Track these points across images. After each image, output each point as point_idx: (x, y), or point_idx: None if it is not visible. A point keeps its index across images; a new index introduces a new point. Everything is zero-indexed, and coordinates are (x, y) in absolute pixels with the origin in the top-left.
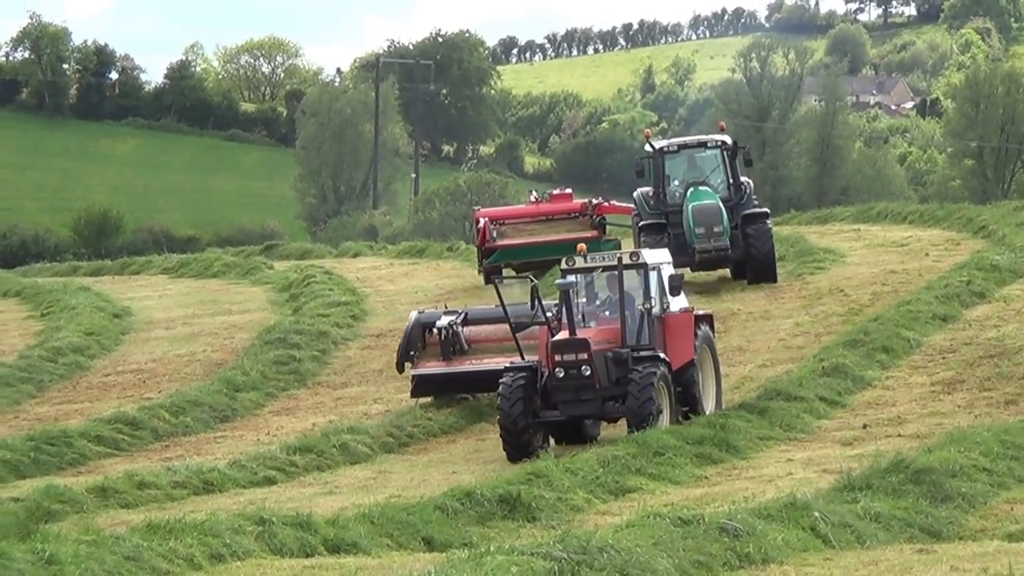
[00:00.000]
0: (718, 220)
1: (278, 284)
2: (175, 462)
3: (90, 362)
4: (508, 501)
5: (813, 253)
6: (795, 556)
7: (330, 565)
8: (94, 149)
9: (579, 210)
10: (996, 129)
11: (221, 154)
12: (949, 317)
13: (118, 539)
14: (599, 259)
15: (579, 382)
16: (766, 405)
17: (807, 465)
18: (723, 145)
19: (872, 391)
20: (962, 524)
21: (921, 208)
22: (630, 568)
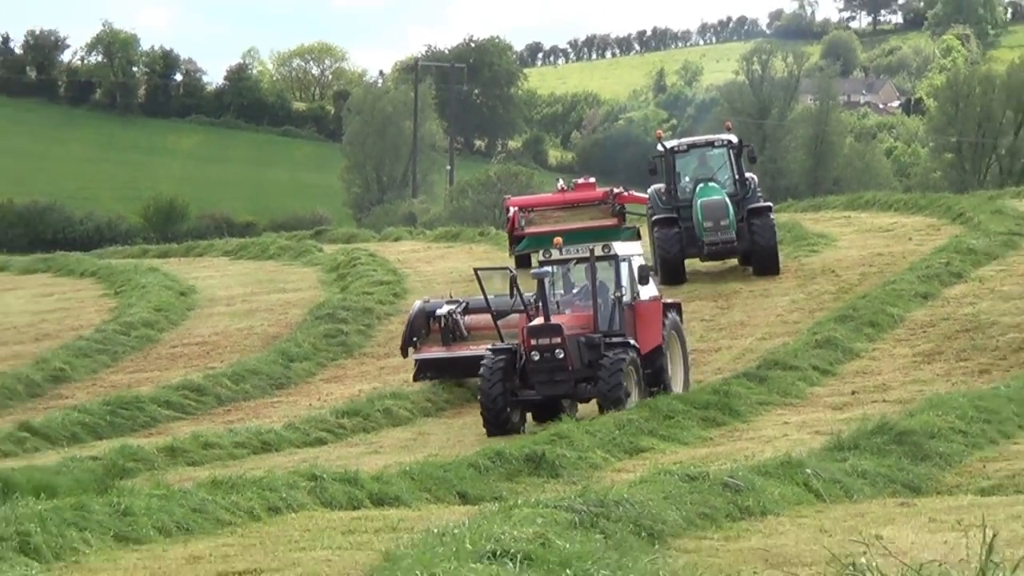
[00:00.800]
0: (724, 214)
1: (327, 265)
2: (236, 424)
3: (159, 335)
4: (534, 459)
5: (808, 237)
6: (790, 509)
7: (375, 517)
8: (161, 144)
9: (601, 198)
10: (974, 126)
11: (275, 148)
12: (930, 295)
13: (185, 493)
14: (573, 251)
15: (553, 364)
16: (765, 374)
17: (801, 427)
18: (729, 144)
19: (860, 361)
20: (940, 480)
21: (905, 197)
22: (643, 519)
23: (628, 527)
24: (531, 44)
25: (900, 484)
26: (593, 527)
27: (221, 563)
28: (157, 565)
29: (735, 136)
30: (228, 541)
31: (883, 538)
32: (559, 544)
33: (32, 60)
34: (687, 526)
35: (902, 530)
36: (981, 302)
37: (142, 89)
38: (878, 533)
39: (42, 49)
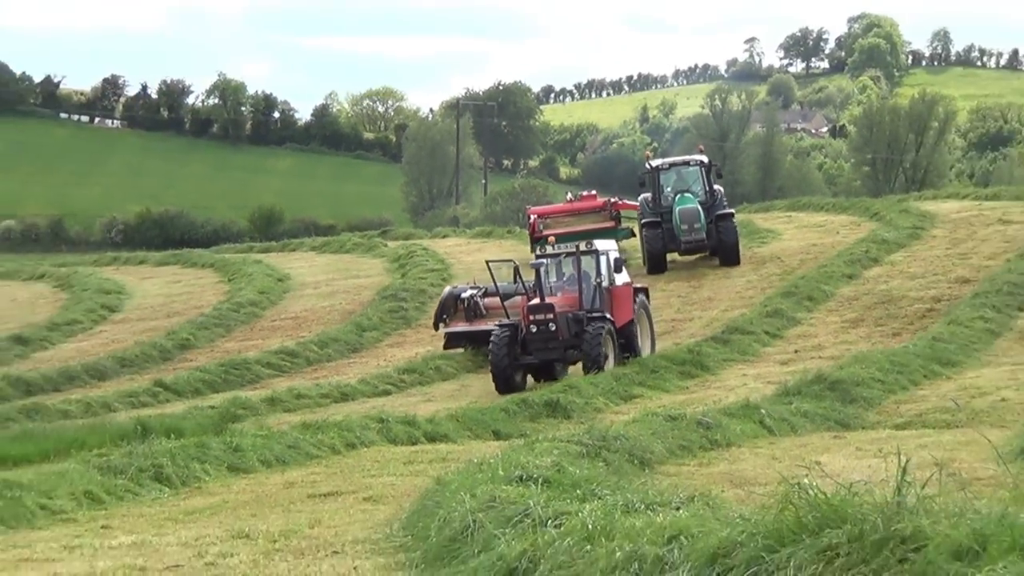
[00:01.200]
0: (697, 219)
1: (390, 257)
2: (321, 380)
3: (262, 312)
4: (551, 405)
5: (759, 232)
6: (749, 441)
7: (429, 450)
8: (263, 166)
9: (601, 207)
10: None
11: (350, 168)
12: (854, 275)
13: (283, 434)
14: (563, 247)
15: (547, 335)
16: (728, 337)
17: (757, 378)
18: (701, 163)
19: (801, 327)
20: (864, 418)
21: (833, 201)
22: (635, 450)
23: (624, 456)
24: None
25: (833, 421)
26: (597, 457)
27: (310, 487)
28: (261, 489)
29: (706, 157)
30: (315, 470)
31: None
32: (571, 470)
33: (164, 102)
34: (669, 455)
35: (836, 457)
36: (893, 280)
37: (248, 124)
38: (817, 460)
39: (172, 94)
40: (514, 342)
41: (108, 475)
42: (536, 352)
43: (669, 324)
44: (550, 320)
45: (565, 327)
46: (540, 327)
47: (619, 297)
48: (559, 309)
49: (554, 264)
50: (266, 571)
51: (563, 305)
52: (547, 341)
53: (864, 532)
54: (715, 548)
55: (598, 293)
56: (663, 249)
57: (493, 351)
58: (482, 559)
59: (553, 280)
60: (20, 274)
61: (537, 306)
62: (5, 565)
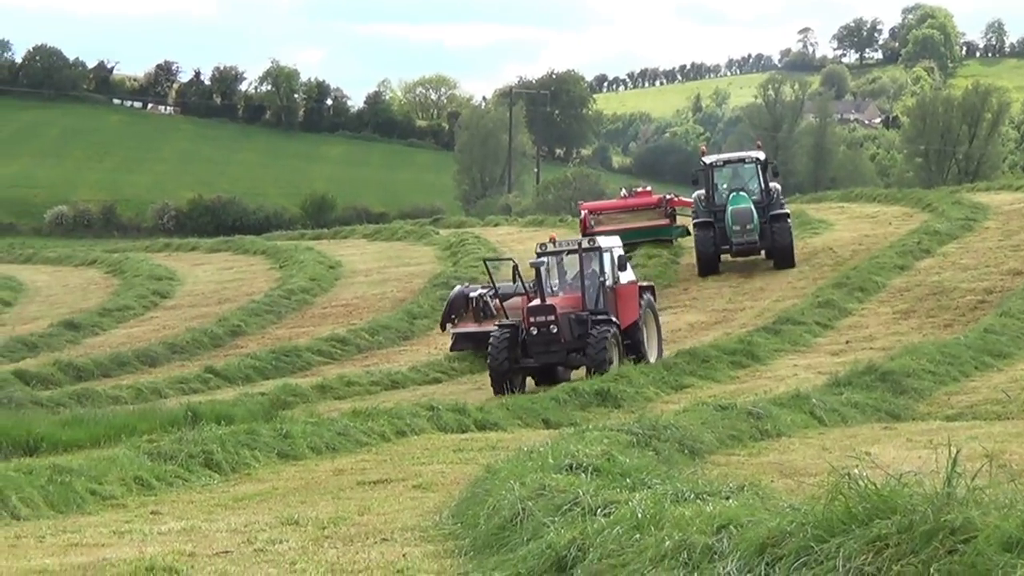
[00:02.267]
0: (750, 219)
1: (442, 245)
2: (372, 367)
3: (313, 299)
4: (601, 394)
5: (811, 223)
6: (799, 431)
7: (479, 438)
8: (315, 153)
9: (656, 203)
10: (937, 136)
11: (402, 156)
12: (905, 267)
13: (333, 420)
14: (565, 244)
15: (548, 337)
16: (779, 327)
17: (807, 369)
18: (757, 160)
19: (852, 318)
20: (914, 409)
21: (885, 192)
22: (685, 440)
23: (674, 446)
24: (598, 75)
25: (884, 412)
26: (647, 446)
27: (360, 475)
28: (310, 476)
29: (763, 153)
30: (365, 457)
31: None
32: (621, 459)
33: (217, 89)
34: (719, 445)
35: (886, 448)
36: (945, 272)
37: (301, 111)
38: (867, 450)
39: (225, 81)
40: (514, 344)
41: (158, 461)
42: (537, 355)
43: (720, 314)
44: (551, 322)
45: (568, 329)
46: (541, 329)
47: (624, 297)
48: (561, 310)
49: (556, 262)
50: (315, 558)
51: (565, 306)
52: (548, 344)
53: (914, 523)
54: (764, 538)
55: (602, 292)
56: (715, 251)
57: (492, 353)
58: (531, 547)
59: (556, 280)
60: (72, 260)
61: (538, 307)
62: (55, 550)
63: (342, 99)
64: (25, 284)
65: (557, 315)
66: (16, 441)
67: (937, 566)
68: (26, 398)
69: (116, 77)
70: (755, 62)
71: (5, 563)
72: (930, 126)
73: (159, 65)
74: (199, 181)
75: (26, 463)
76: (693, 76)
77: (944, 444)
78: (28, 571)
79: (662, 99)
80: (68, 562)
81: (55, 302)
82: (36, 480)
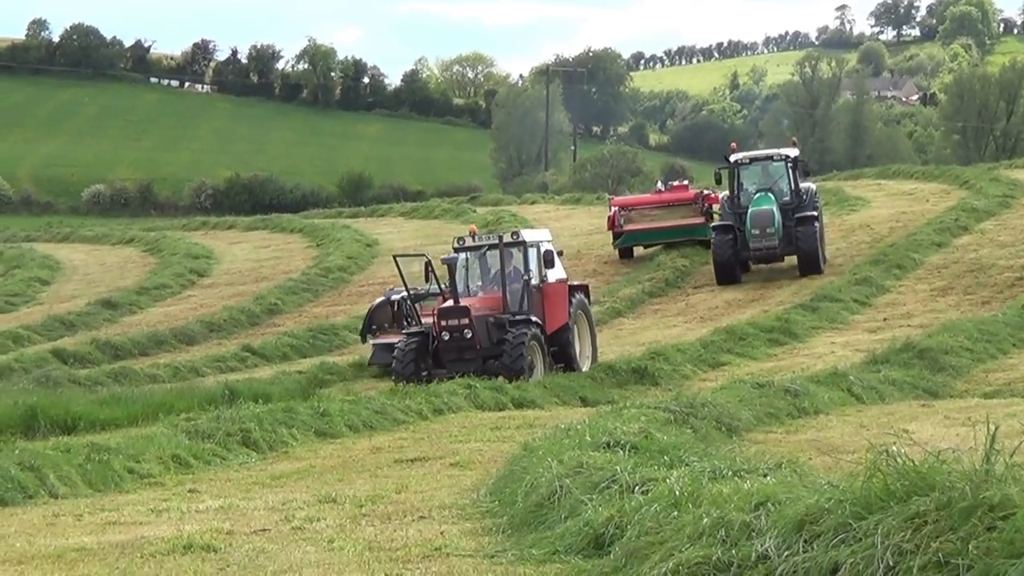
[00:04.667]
0: (770, 223)
1: (479, 222)
2: None
3: (350, 277)
4: (638, 371)
5: (848, 200)
6: (837, 409)
7: (516, 416)
8: (352, 131)
9: (692, 199)
10: (975, 113)
11: (439, 134)
12: (943, 244)
13: (370, 399)
14: (484, 238)
15: (462, 343)
16: (816, 305)
17: (845, 346)
18: (787, 158)
19: (889, 295)
20: (952, 387)
21: (923, 169)
22: (722, 417)
23: (711, 423)
24: (635, 53)
25: (921, 390)
26: (684, 423)
27: (397, 452)
28: (348, 454)
29: (794, 151)
30: (403, 435)
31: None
32: (658, 436)
33: (254, 68)
34: (756, 423)
35: (924, 425)
36: (983, 249)
37: (338, 89)
38: (905, 428)
39: (262, 59)
40: (424, 352)
41: (196, 439)
42: (450, 364)
43: (757, 292)
44: (465, 326)
45: (485, 334)
46: (454, 334)
47: (552, 297)
48: (476, 313)
49: (476, 259)
50: (353, 535)
51: (482, 308)
52: (462, 351)
53: (952, 500)
54: (802, 515)
55: (526, 292)
56: (733, 258)
57: (397, 364)
58: (569, 525)
59: (478, 279)
60: (109, 239)
61: (450, 309)
62: (93, 528)
63: (379, 77)
64: (63, 263)
65: (472, 318)
66: (54, 420)
67: (976, 543)
68: (64, 377)
69: (153, 56)
70: (792, 39)
71: (43, 541)
72: (967, 103)
73: (196, 44)
74: (236, 159)
75: (64, 441)
76: (730, 54)
77: (982, 421)
78: (66, 549)
79: (699, 77)
80: (106, 540)
81: (92, 281)
82: (74, 458)
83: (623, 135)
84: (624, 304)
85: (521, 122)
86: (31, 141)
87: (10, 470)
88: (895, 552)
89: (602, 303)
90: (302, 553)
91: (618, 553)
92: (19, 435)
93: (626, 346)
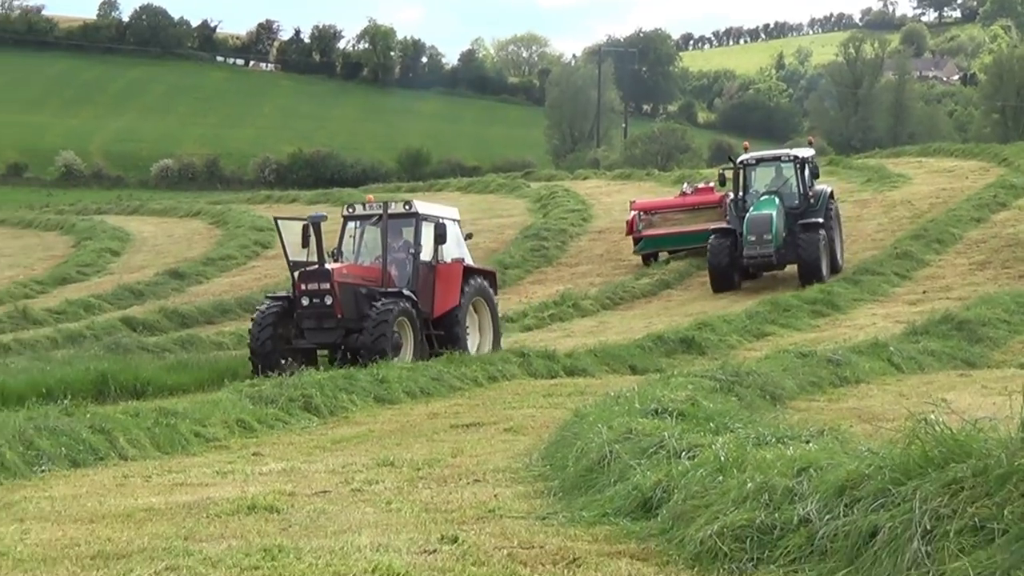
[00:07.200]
0: (767, 229)
1: (533, 197)
2: None
3: None
4: (686, 341)
5: (890, 176)
6: (877, 378)
7: (567, 383)
8: (410, 108)
9: (718, 202)
10: (1014, 93)
11: (495, 112)
12: (982, 219)
13: (427, 366)
14: (375, 207)
15: (321, 311)
16: (859, 278)
17: (886, 318)
18: (796, 159)
19: (929, 269)
20: (990, 357)
21: (963, 147)
22: (767, 386)
23: (756, 392)
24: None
25: (960, 360)
26: (730, 391)
27: (453, 418)
28: (405, 419)
29: (808, 150)
30: (458, 401)
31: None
32: (705, 404)
33: (316, 47)
34: (799, 391)
35: (962, 395)
36: (1020, 224)
37: (397, 68)
38: (943, 397)
39: (324, 39)
40: (287, 319)
41: (259, 404)
42: (309, 333)
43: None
44: (326, 292)
45: (351, 303)
46: (313, 299)
47: (444, 277)
48: (343, 279)
49: (367, 228)
50: (410, 497)
51: (355, 275)
52: (321, 319)
53: (988, 467)
54: (843, 480)
55: (413, 267)
56: (729, 264)
57: (254, 329)
58: (618, 488)
59: (366, 250)
60: (177, 211)
61: (311, 272)
62: (161, 489)
63: (437, 57)
64: (132, 235)
65: (335, 283)
66: (124, 385)
67: (1011, 508)
68: (133, 344)
69: (219, 35)
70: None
71: (114, 501)
72: (1007, 83)
73: (260, 24)
74: (298, 135)
75: (133, 406)
76: (776, 34)
77: (1018, 391)
78: (135, 509)
79: (746, 57)
80: (173, 501)
81: (161, 252)
82: (143, 422)
83: (672, 113)
84: (673, 276)
85: (574, 100)
86: (102, 117)
87: (82, 433)
88: (932, 516)
89: (651, 275)
90: (361, 514)
91: (665, 516)
92: (90, 400)
93: (674, 317)
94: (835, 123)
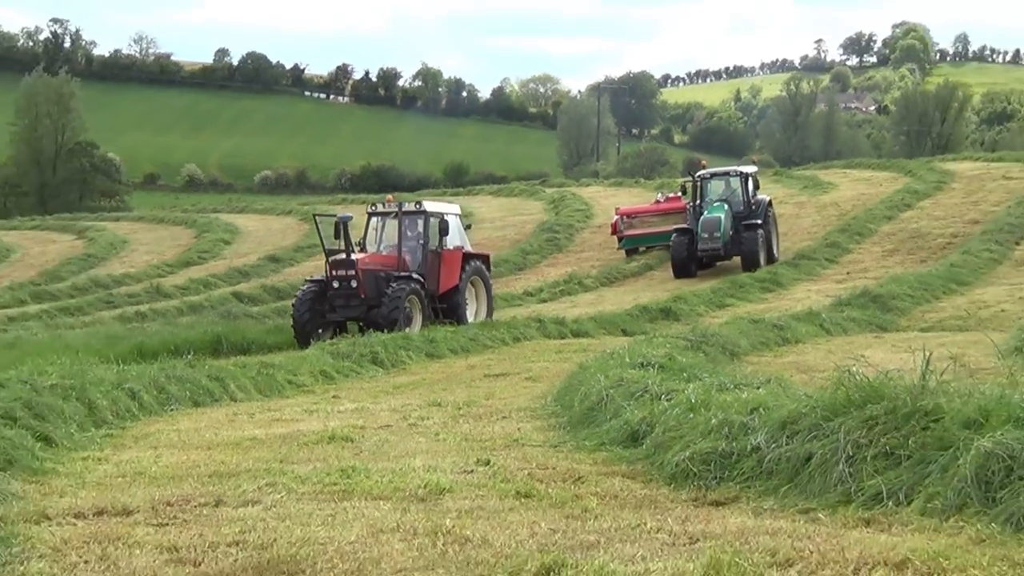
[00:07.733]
0: (716, 229)
1: (548, 200)
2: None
3: None
4: (665, 310)
5: (822, 184)
6: (811, 339)
7: (574, 343)
8: (454, 132)
9: (684, 208)
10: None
11: (518, 134)
12: (892, 217)
13: (466, 328)
14: (393, 206)
15: (348, 291)
16: (797, 262)
17: (818, 293)
18: (742, 174)
19: (852, 255)
20: (897, 323)
21: (878, 161)
22: (727, 345)
23: (718, 349)
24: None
25: (875, 325)
26: (698, 349)
27: (486, 369)
28: (449, 370)
29: (751, 167)
30: (490, 357)
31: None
32: (679, 358)
33: (382, 84)
34: (751, 349)
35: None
36: (922, 221)
37: (443, 100)
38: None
39: (388, 78)
40: (322, 298)
41: (338, 359)
42: (340, 309)
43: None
44: (352, 276)
45: (372, 286)
46: (342, 283)
47: (447, 261)
48: (366, 267)
49: (387, 223)
50: (453, 430)
51: (374, 264)
52: (348, 298)
53: (897, 407)
54: (785, 417)
55: (423, 255)
56: (687, 258)
57: (296, 306)
58: (612, 423)
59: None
60: (274, 211)
61: (339, 261)
62: (262, 423)
63: (474, 92)
64: (240, 229)
65: (359, 270)
66: (234, 344)
67: (914, 439)
68: (241, 312)
69: (307, 75)
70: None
71: (226, 432)
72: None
73: (339, 66)
74: (368, 152)
75: (241, 360)
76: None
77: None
78: (242, 439)
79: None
80: (271, 432)
81: (262, 241)
82: (248, 372)
83: (655, 135)
84: (655, 261)
85: (579, 125)
86: (217, 138)
87: (201, 380)
88: (854, 445)
89: (638, 260)
90: (415, 442)
91: (649, 444)
92: (208, 355)
93: (656, 292)
94: (780, 143)
